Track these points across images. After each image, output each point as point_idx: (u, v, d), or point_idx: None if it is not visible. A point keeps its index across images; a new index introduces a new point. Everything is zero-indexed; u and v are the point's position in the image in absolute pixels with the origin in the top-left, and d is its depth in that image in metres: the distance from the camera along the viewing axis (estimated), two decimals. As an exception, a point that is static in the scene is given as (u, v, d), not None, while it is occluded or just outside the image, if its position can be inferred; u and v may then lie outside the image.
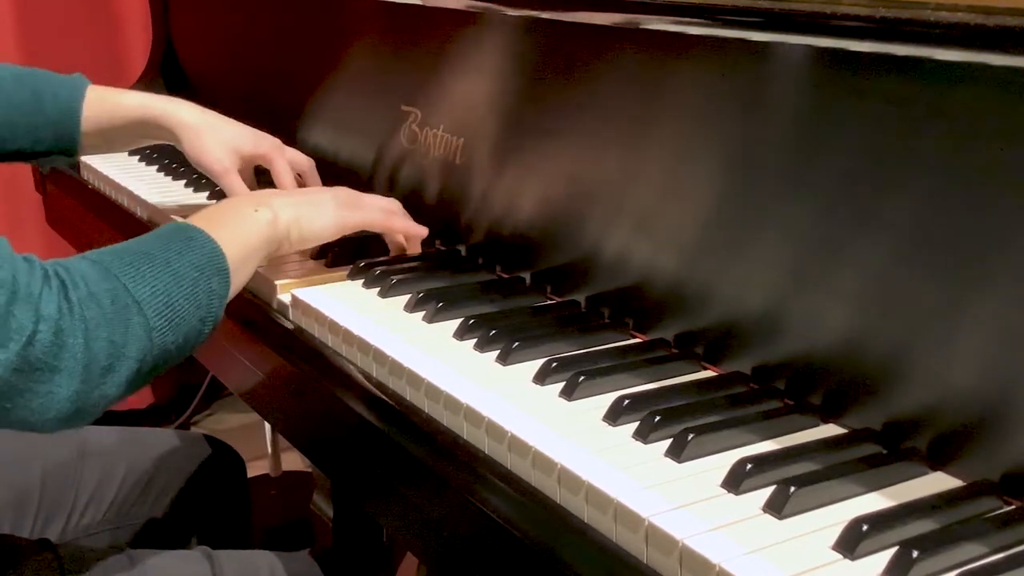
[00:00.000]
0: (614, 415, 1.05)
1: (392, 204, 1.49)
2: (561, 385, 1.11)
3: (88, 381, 1.03)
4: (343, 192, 1.45)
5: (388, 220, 1.47)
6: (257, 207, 1.31)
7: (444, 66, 1.56)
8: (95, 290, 1.05)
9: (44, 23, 2.74)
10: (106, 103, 1.62)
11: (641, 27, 1.24)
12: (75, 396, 1.03)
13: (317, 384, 1.27)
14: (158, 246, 1.15)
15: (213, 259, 1.18)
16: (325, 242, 1.42)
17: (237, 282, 1.22)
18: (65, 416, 1.03)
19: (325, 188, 1.48)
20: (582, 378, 1.10)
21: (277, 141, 1.66)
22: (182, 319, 1.12)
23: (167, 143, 1.66)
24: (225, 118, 1.65)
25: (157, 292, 1.10)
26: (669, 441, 0.99)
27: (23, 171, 2.43)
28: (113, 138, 1.65)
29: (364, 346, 1.23)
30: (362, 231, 1.45)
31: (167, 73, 2.43)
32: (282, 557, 1.38)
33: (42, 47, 2.75)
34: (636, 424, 1.03)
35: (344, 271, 1.45)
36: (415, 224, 1.50)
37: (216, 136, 1.60)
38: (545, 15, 1.37)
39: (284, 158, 1.63)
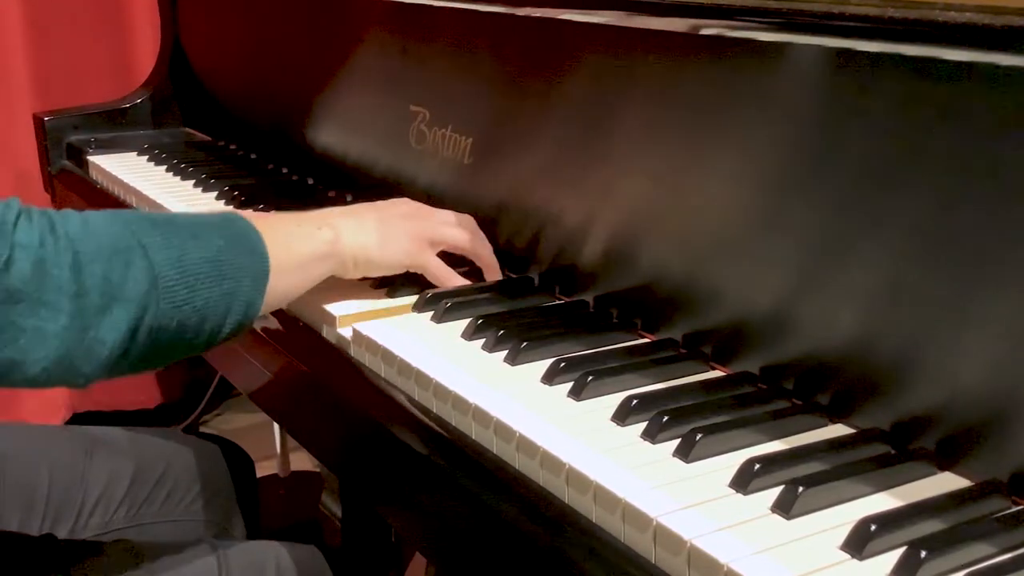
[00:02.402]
0: (622, 415, 1.05)
1: (466, 221, 1.42)
2: (569, 385, 1.11)
3: (79, 317, 0.98)
4: (415, 223, 1.36)
5: (473, 243, 1.40)
6: (320, 226, 1.27)
7: (452, 66, 1.56)
8: (94, 228, 1.02)
9: (52, 23, 2.74)
10: None
11: (648, 28, 1.24)
12: (64, 333, 0.98)
13: (324, 384, 1.27)
14: (187, 217, 1.12)
15: (247, 240, 1.14)
16: (388, 274, 1.36)
17: (280, 284, 1.17)
18: (56, 356, 0.98)
19: (396, 206, 1.40)
20: (590, 378, 1.10)
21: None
22: (199, 280, 1.06)
23: (174, 141, 1.64)
24: None
25: (170, 244, 1.05)
26: (677, 441, 0.99)
27: (32, 171, 2.43)
28: None
29: (373, 346, 1.23)
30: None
31: (175, 73, 2.43)
32: (288, 547, 1.39)
33: (50, 47, 2.75)
34: (644, 424, 1.03)
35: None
36: (487, 248, 1.43)
37: None
38: (551, 15, 1.37)
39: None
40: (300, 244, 1.23)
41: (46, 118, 2.31)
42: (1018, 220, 0.91)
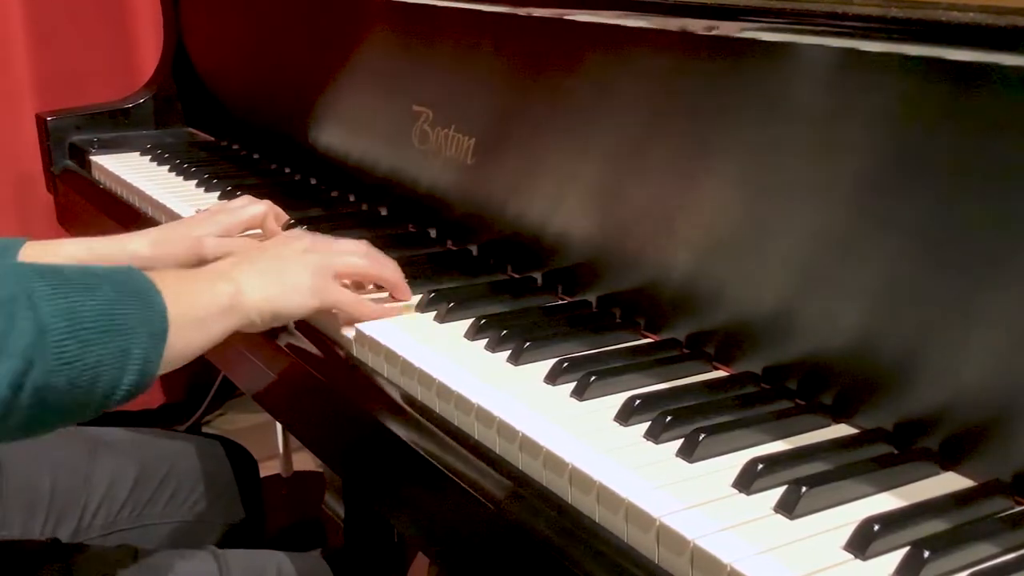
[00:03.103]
0: (625, 415, 1.05)
1: (363, 246, 1.35)
2: (572, 385, 1.11)
3: None
4: (313, 257, 1.28)
5: (374, 265, 1.34)
6: (218, 280, 1.19)
7: (455, 66, 1.56)
8: None
9: (55, 23, 2.74)
10: (46, 256, 1.42)
11: (651, 28, 1.24)
12: None
13: (327, 384, 1.27)
14: (80, 268, 1.04)
15: (143, 292, 1.05)
16: (298, 319, 1.31)
17: (180, 340, 1.09)
18: None
19: (290, 243, 1.30)
20: (593, 378, 1.10)
21: (233, 206, 1.56)
22: (91, 334, 0.97)
23: (177, 141, 1.64)
24: (174, 223, 1.58)
25: (59, 294, 0.96)
26: (680, 441, 0.99)
27: (34, 170, 2.44)
28: None
29: (376, 346, 1.23)
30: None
31: (178, 73, 2.43)
32: (291, 557, 1.38)
33: (53, 47, 2.75)
34: (647, 424, 1.03)
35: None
36: (390, 268, 1.36)
37: (183, 242, 1.49)
38: (555, 14, 1.37)
39: (247, 211, 1.55)
40: (200, 299, 1.15)
41: (49, 118, 2.31)
42: (1021, 220, 0.91)
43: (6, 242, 1.43)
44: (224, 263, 1.25)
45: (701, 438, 0.98)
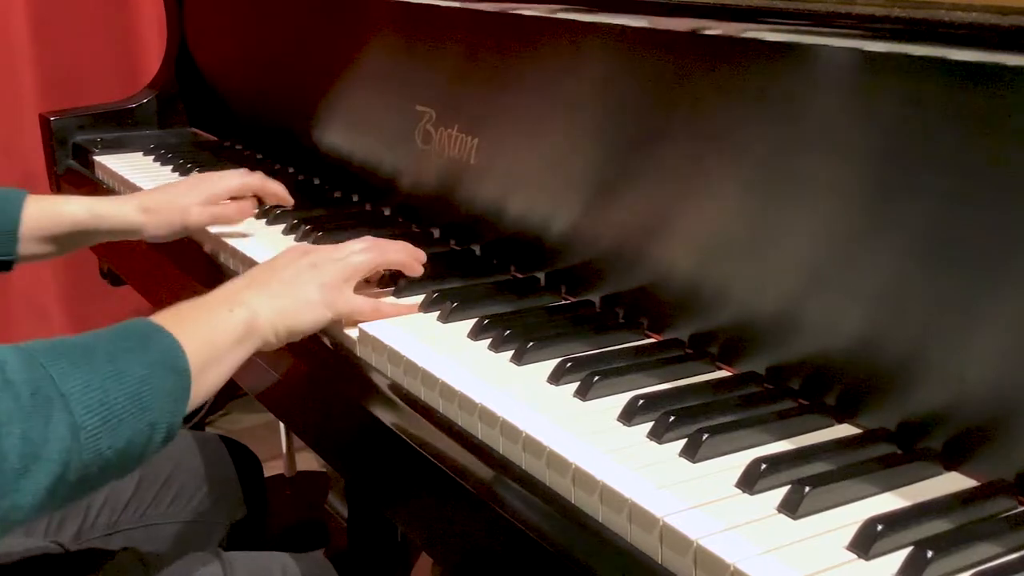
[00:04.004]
0: (628, 415, 1.05)
1: (368, 243, 1.36)
2: (576, 385, 1.12)
3: None
4: (318, 273, 1.28)
5: (378, 257, 1.34)
6: (233, 307, 1.18)
7: (459, 66, 1.56)
8: (12, 378, 0.91)
9: (58, 23, 2.75)
10: (46, 214, 1.51)
11: (655, 28, 1.24)
12: None
13: (330, 384, 1.27)
14: (105, 340, 1.03)
15: (168, 356, 1.05)
16: (313, 332, 1.30)
17: (202, 387, 1.10)
18: None
19: (296, 260, 1.30)
20: (596, 378, 1.10)
21: (214, 175, 1.66)
22: (121, 420, 0.97)
23: (180, 141, 1.65)
24: (167, 185, 1.65)
25: (91, 387, 0.95)
26: (683, 441, 1.00)
27: (38, 171, 2.44)
28: (60, 244, 1.55)
29: (379, 346, 1.23)
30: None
31: (181, 73, 2.43)
32: (295, 558, 1.38)
33: (56, 47, 2.75)
34: (651, 424, 1.03)
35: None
36: (399, 251, 1.38)
37: (179, 201, 1.57)
38: (558, 15, 1.37)
39: (232, 179, 1.63)
40: (218, 335, 1.15)
41: (52, 118, 2.31)
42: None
43: (7, 192, 1.49)
44: (234, 286, 1.25)
45: (704, 438, 0.98)
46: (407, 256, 1.38)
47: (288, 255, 1.32)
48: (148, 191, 1.63)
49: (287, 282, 1.26)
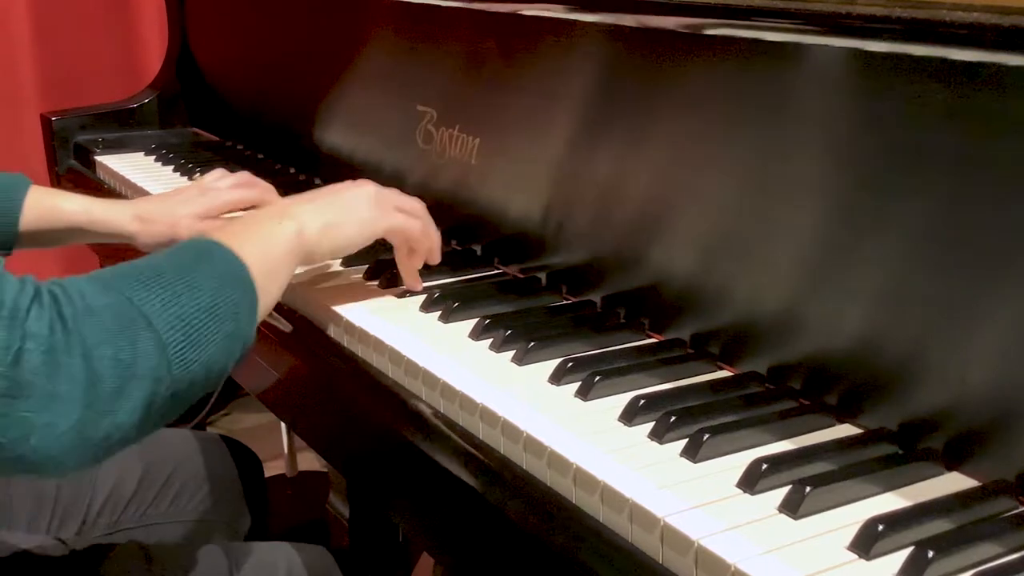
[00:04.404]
0: (630, 415, 1.05)
1: (418, 207, 1.38)
2: (577, 385, 1.12)
3: (94, 406, 0.92)
4: (371, 186, 1.34)
5: (423, 238, 1.36)
6: (282, 219, 1.22)
7: (460, 66, 1.56)
8: (94, 304, 0.95)
9: (60, 23, 2.75)
10: (44, 206, 1.52)
11: (656, 27, 1.24)
12: (80, 426, 0.92)
13: (331, 384, 1.27)
14: (170, 261, 1.06)
15: (233, 270, 1.08)
16: (358, 249, 1.33)
17: (266, 298, 1.13)
18: (71, 451, 0.93)
19: (352, 184, 1.35)
20: (598, 378, 1.10)
21: (211, 182, 1.61)
22: (202, 334, 1.01)
23: (181, 141, 1.65)
24: (164, 194, 1.63)
25: (168, 303, 0.99)
26: (684, 441, 1.00)
27: (39, 170, 2.43)
28: (57, 237, 1.56)
29: (380, 346, 1.23)
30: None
31: (183, 73, 2.43)
32: (299, 549, 1.39)
33: (58, 47, 2.75)
34: (652, 424, 1.03)
35: (358, 270, 1.45)
36: (435, 232, 1.39)
37: (171, 213, 1.54)
38: (560, 15, 1.37)
39: (230, 194, 1.60)
40: (272, 248, 1.18)
41: (53, 118, 2.31)
42: (1025, 220, 0.91)
43: (12, 180, 1.51)
44: (282, 202, 1.32)
45: (705, 438, 0.98)
46: (438, 240, 1.39)
47: (346, 183, 1.36)
48: (147, 199, 1.63)
49: (333, 196, 1.30)
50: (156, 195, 1.67)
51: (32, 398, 0.89)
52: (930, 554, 0.81)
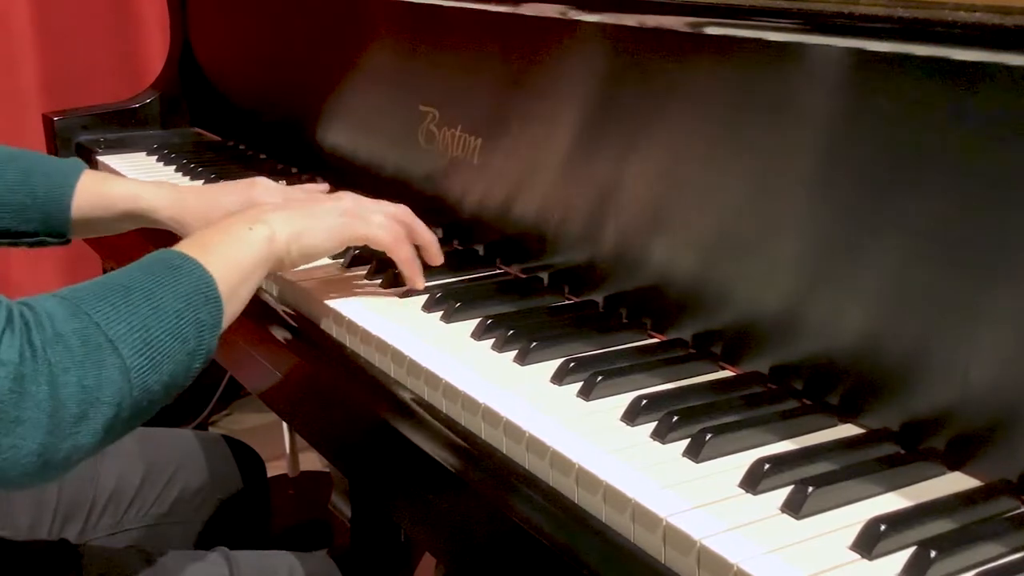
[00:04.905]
0: (632, 415, 1.05)
1: (400, 213, 1.38)
2: (579, 385, 1.12)
3: (56, 432, 0.94)
4: (348, 199, 1.36)
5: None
6: (252, 225, 1.23)
7: (462, 66, 1.56)
8: (62, 330, 0.97)
9: (61, 23, 2.75)
10: (98, 192, 1.51)
11: (659, 27, 1.24)
12: (42, 449, 0.94)
13: (333, 384, 1.27)
14: (138, 278, 1.07)
15: (201, 287, 1.09)
16: (327, 255, 1.36)
17: (232, 309, 1.15)
18: (32, 472, 0.94)
19: (329, 196, 1.39)
20: (600, 378, 1.10)
21: (262, 182, 1.55)
22: (165, 356, 1.03)
23: (183, 141, 1.64)
24: (207, 190, 1.58)
25: (134, 327, 1.01)
26: (687, 441, 1.00)
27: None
28: (107, 226, 1.55)
29: (382, 346, 1.23)
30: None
31: (185, 73, 2.43)
32: (300, 558, 1.38)
33: (59, 47, 2.75)
34: (654, 424, 1.03)
35: (358, 271, 1.45)
36: (425, 234, 1.40)
37: (205, 219, 1.49)
38: (562, 15, 1.37)
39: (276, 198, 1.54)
40: (242, 256, 1.19)
41: (55, 118, 2.31)
42: (1028, 220, 0.91)
43: (64, 164, 1.51)
44: (254, 210, 1.30)
45: (707, 438, 0.98)
46: (432, 241, 1.40)
47: (321, 196, 1.40)
48: (191, 189, 1.59)
49: (306, 205, 1.32)
50: (203, 187, 1.64)
51: None
52: (932, 554, 0.81)
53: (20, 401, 0.92)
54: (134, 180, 1.57)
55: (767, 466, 0.93)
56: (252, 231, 1.22)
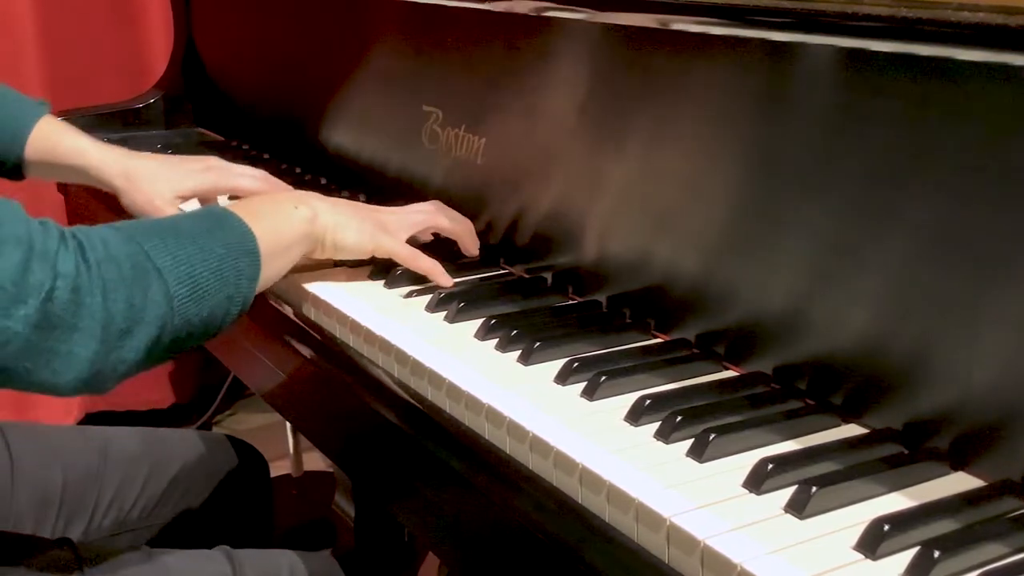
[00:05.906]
0: (635, 415, 1.05)
1: (429, 208, 1.48)
2: (583, 385, 1.12)
3: (106, 342, 1.04)
4: (384, 214, 1.43)
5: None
6: (297, 204, 1.32)
7: (465, 66, 1.56)
8: (114, 252, 1.07)
9: (64, 23, 2.75)
10: (50, 139, 1.59)
11: (663, 27, 1.24)
12: (94, 357, 1.04)
13: (339, 384, 1.27)
14: (186, 222, 1.18)
15: (243, 241, 1.19)
16: (354, 257, 1.39)
17: (269, 272, 1.23)
18: (85, 377, 1.04)
19: (369, 205, 1.47)
20: (603, 378, 1.10)
21: (219, 163, 1.62)
22: (205, 292, 1.13)
23: (186, 141, 1.65)
24: (161, 160, 1.62)
25: (179, 261, 1.11)
26: (691, 441, 1.00)
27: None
28: (57, 173, 1.64)
29: (386, 346, 1.23)
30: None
31: (188, 73, 2.43)
32: (303, 556, 1.39)
33: (62, 47, 2.75)
34: (658, 424, 1.03)
35: (364, 270, 1.45)
36: (454, 227, 1.48)
37: (152, 186, 1.55)
38: (565, 15, 1.37)
39: (234, 178, 1.61)
40: (284, 228, 1.28)
41: (58, 118, 2.30)
42: (1031, 220, 0.91)
43: (28, 103, 1.60)
44: (305, 192, 1.42)
45: (711, 438, 0.98)
46: (464, 230, 1.48)
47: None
48: (146, 157, 1.63)
49: (348, 206, 1.40)
50: (158, 157, 1.68)
51: (58, 330, 1.01)
52: (936, 554, 0.81)
53: (77, 310, 1.02)
54: (86, 137, 1.61)
55: (771, 466, 0.93)
56: (297, 210, 1.31)
